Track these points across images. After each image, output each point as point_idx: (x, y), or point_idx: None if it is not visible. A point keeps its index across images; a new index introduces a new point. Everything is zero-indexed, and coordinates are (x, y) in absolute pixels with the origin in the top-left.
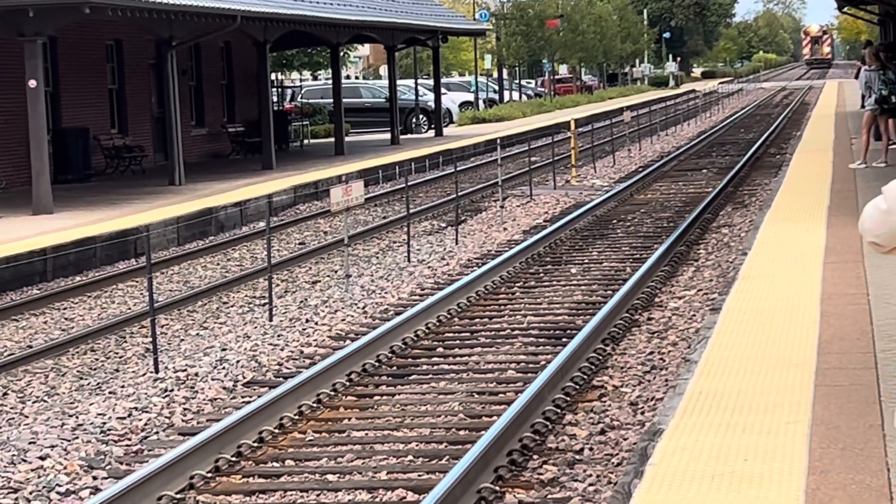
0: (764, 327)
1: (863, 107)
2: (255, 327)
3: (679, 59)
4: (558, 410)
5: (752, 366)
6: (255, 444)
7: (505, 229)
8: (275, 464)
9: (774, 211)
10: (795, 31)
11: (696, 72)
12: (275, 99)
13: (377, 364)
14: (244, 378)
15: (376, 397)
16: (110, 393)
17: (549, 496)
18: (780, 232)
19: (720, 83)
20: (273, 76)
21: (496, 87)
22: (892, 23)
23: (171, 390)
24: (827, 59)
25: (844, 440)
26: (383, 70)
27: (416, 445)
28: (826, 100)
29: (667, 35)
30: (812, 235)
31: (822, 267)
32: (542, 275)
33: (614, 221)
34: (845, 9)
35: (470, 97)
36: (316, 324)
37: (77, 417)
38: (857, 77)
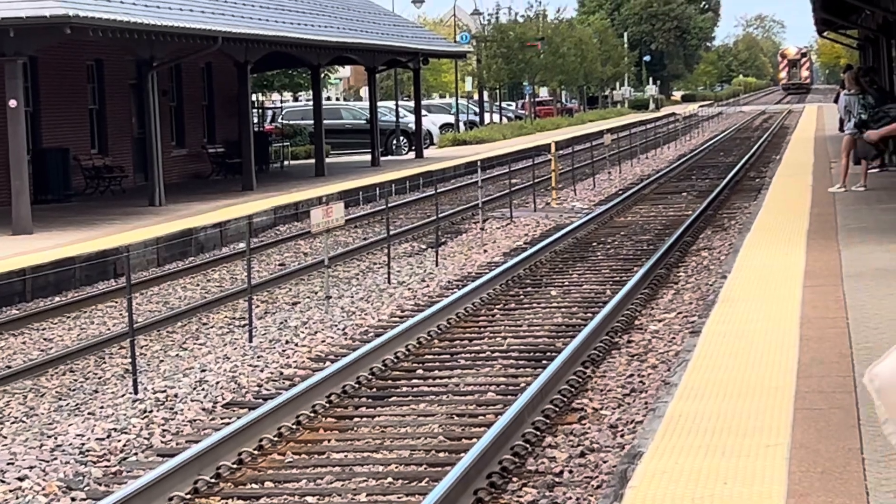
0: (743, 350)
1: (842, 131)
2: (235, 348)
3: (659, 82)
4: (538, 433)
5: (732, 389)
6: (235, 466)
7: (485, 251)
8: (254, 485)
9: (754, 234)
10: (775, 54)
11: (677, 95)
12: (255, 120)
13: (357, 386)
14: (224, 399)
15: (356, 419)
16: (89, 414)
17: None
18: (760, 255)
19: (700, 106)
20: (253, 97)
21: (476, 110)
22: (871, 47)
23: (151, 411)
24: (805, 83)
25: (824, 463)
26: (364, 91)
27: (396, 467)
28: (805, 123)
29: (647, 58)
30: (791, 259)
31: (802, 290)
32: (522, 297)
33: (594, 244)
34: (825, 33)
35: (450, 119)
36: (296, 345)
37: (56, 438)
38: (836, 101)
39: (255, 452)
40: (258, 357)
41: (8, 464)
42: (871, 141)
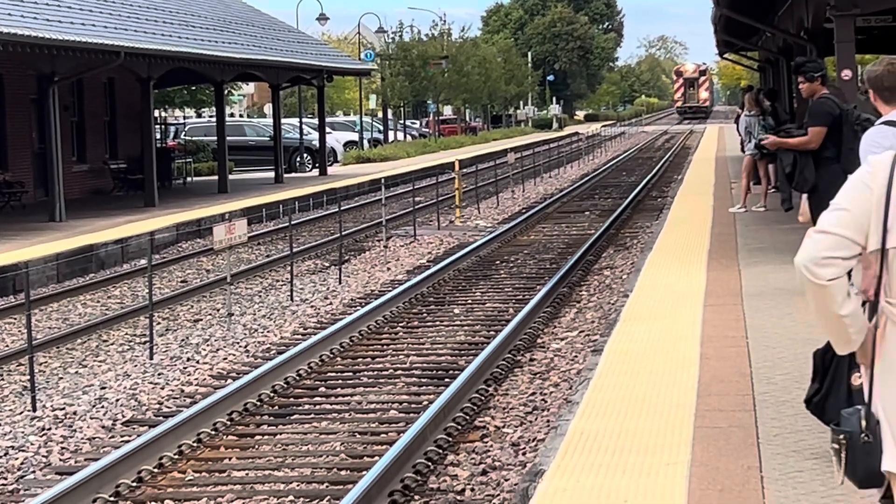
0: (645, 369)
1: (743, 152)
2: (136, 366)
3: (562, 101)
4: (440, 451)
5: (633, 407)
6: (134, 484)
7: (388, 269)
8: None
9: (656, 253)
10: None
11: (580, 115)
12: (158, 136)
13: (259, 403)
14: (124, 417)
15: (258, 437)
16: None
17: None
18: (661, 274)
19: (603, 126)
20: (156, 113)
21: (381, 127)
22: (772, 69)
23: (49, 429)
24: (704, 106)
25: (723, 481)
26: (268, 108)
27: (298, 486)
28: (707, 144)
29: (551, 78)
30: (692, 278)
31: (703, 309)
32: (425, 315)
33: (497, 262)
34: (726, 55)
35: (354, 136)
36: (197, 362)
37: None
38: (736, 121)
39: (156, 470)
40: (159, 374)
41: None
42: (769, 146)
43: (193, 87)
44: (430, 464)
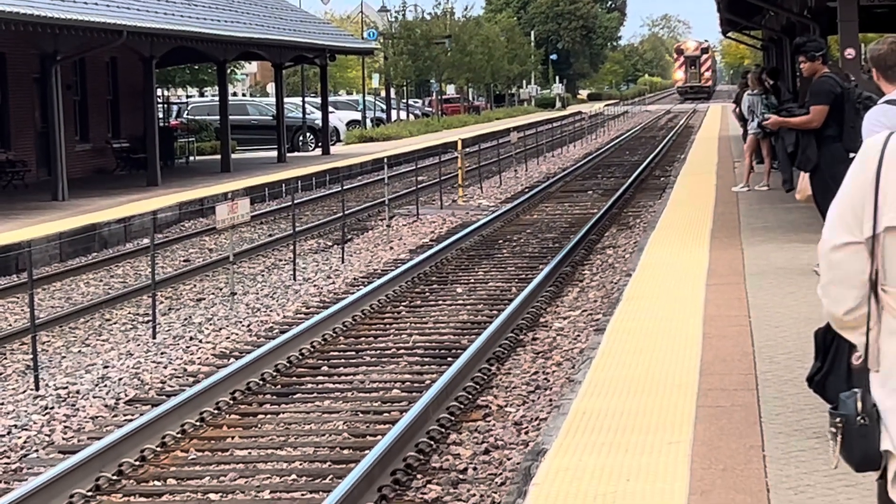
0: (647, 348)
1: (744, 131)
2: (139, 345)
3: (565, 80)
4: (443, 430)
5: (636, 386)
6: (137, 463)
7: (391, 248)
8: (157, 482)
9: (659, 233)
10: None
11: (583, 94)
12: (161, 115)
13: (261, 382)
14: (126, 396)
15: (260, 416)
16: None
17: None
18: (664, 253)
19: (606, 105)
20: (159, 92)
21: (384, 106)
22: (775, 48)
23: (52, 408)
24: (706, 86)
25: (725, 461)
26: (270, 87)
27: (300, 464)
28: (710, 123)
29: (554, 57)
30: (695, 257)
31: (705, 289)
32: (428, 294)
33: (500, 242)
34: (729, 33)
35: (357, 116)
36: (200, 341)
37: None
38: (735, 101)
39: (158, 449)
40: (162, 353)
41: None
42: (771, 126)
43: (196, 66)
44: (432, 443)
